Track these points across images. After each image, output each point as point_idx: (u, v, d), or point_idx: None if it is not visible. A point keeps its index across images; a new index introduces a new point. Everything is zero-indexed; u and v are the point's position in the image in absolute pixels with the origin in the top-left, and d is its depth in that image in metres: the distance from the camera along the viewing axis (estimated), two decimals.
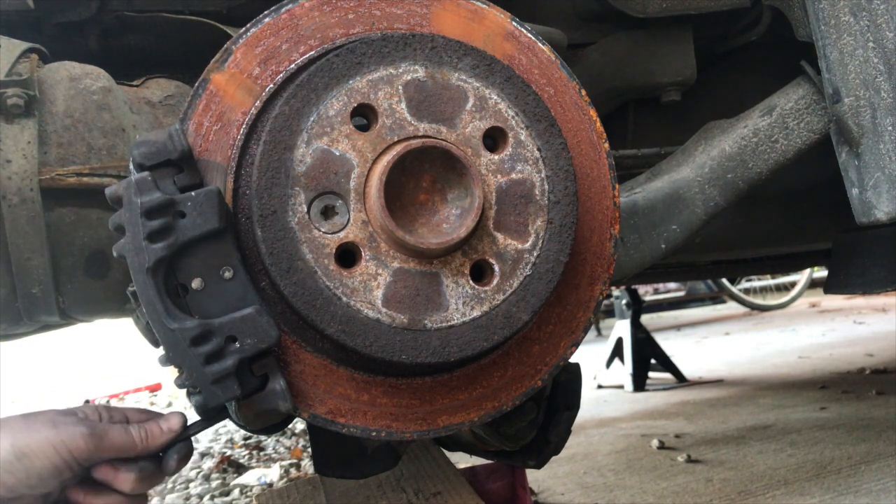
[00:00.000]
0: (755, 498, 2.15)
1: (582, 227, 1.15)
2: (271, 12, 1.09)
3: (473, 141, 1.06)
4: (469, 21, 1.15)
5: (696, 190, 1.52)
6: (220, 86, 1.06)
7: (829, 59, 1.49)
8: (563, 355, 1.16)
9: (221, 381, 0.95)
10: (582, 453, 2.92)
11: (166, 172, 0.99)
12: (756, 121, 1.58)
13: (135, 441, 1.00)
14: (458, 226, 1.02)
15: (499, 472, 1.88)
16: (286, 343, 1.04)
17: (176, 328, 0.94)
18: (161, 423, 1.03)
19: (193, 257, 0.97)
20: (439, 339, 1.01)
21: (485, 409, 1.12)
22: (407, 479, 1.86)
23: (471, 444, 1.47)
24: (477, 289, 1.04)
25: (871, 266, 1.77)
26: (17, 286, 1.25)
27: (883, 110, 1.47)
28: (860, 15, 1.47)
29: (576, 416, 1.40)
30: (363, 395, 1.07)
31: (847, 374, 4.02)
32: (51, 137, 1.25)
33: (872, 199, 1.48)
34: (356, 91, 1.02)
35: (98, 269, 1.30)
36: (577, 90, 1.20)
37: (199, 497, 2.74)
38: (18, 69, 1.26)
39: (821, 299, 8.56)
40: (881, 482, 2.13)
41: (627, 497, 2.29)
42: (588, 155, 1.19)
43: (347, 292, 0.99)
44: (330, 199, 1.00)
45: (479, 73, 1.07)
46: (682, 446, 2.84)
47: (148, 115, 1.37)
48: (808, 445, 2.63)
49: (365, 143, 1.01)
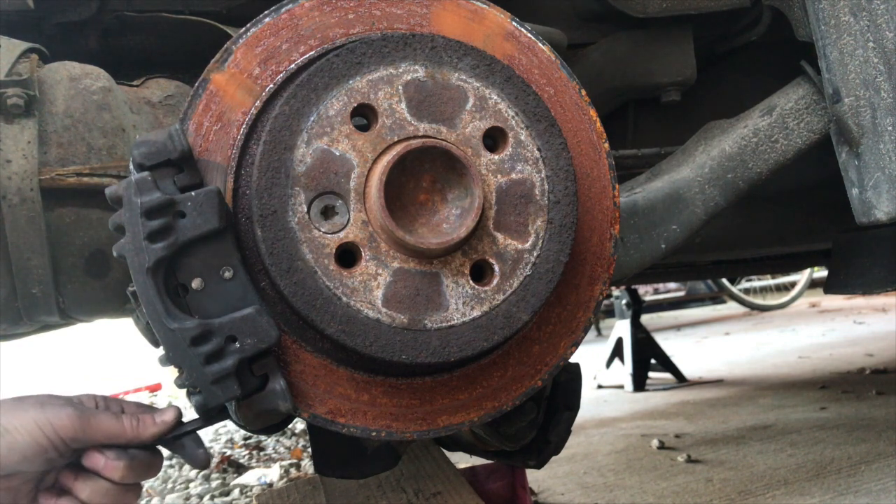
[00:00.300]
0: (755, 498, 2.15)
1: (582, 227, 1.15)
2: (271, 12, 1.09)
3: (473, 141, 1.06)
4: (469, 21, 1.15)
5: (696, 190, 1.52)
6: (220, 86, 1.06)
7: (829, 59, 1.49)
8: (563, 355, 1.16)
9: (221, 381, 0.95)
10: (582, 453, 2.92)
11: (166, 172, 0.99)
12: (756, 121, 1.57)
13: (124, 428, 1.00)
14: (458, 226, 1.02)
15: (499, 472, 1.88)
16: (286, 343, 1.04)
17: (176, 328, 0.94)
18: (155, 415, 1.03)
19: (193, 257, 0.97)
20: (439, 339, 1.01)
21: (485, 409, 1.12)
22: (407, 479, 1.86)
23: (471, 444, 1.47)
24: (477, 289, 1.04)
25: (871, 266, 1.77)
26: (17, 286, 1.25)
27: (883, 110, 1.47)
28: (860, 15, 1.47)
29: (576, 416, 1.40)
30: (363, 395, 1.07)
31: (847, 374, 4.02)
32: (51, 137, 1.25)
33: (872, 199, 1.48)
34: (356, 91, 1.02)
35: (98, 269, 1.30)
36: (577, 90, 1.20)
37: (199, 497, 2.74)
38: (18, 69, 1.26)
39: (821, 299, 8.56)
40: (881, 482, 2.13)
41: (627, 497, 2.29)
42: (588, 155, 1.19)
43: (347, 292, 0.99)
44: (330, 199, 1.00)
45: (479, 73, 1.07)
46: (682, 446, 2.84)
47: (148, 115, 1.37)
48: (808, 445, 2.63)
49: (365, 143, 1.01)
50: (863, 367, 4.11)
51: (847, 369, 4.16)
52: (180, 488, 2.89)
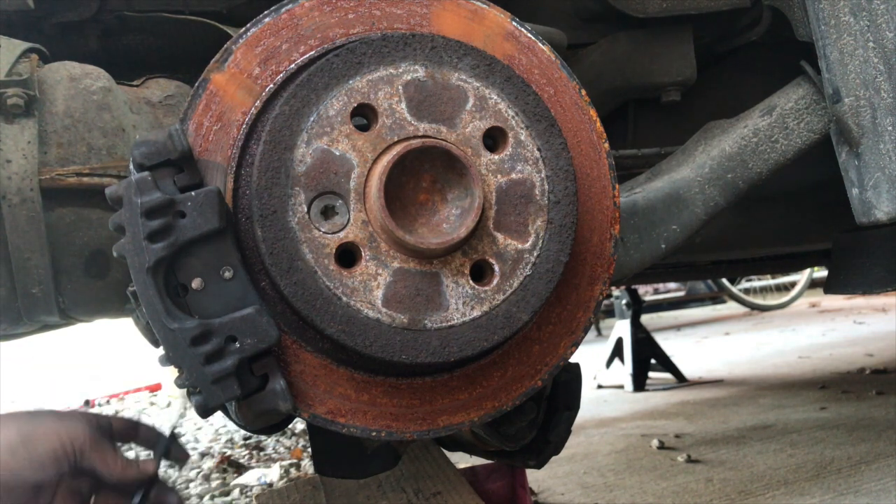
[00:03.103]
0: (755, 498, 2.15)
1: (582, 227, 1.15)
2: (271, 12, 1.09)
3: (473, 141, 1.06)
4: (469, 21, 1.15)
5: (696, 190, 1.52)
6: (220, 86, 1.06)
7: (829, 59, 1.49)
8: (563, 355, 1.16)
9: (221, 381, 0.95)
10: (582, 453, 2.92)
11: (166, 172, 0.99)
12: (756, 121, 1.57)
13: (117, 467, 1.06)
14: (458, 226, 1.02)
15: (499, 472, 1.88)
16: (286, 343, 1.04)
17: (176, 328, 0.94)
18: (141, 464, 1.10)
19: (193, 257, 0.97)
20: (439, 339, 1.01)
21: (485, 409, 1.12)
22: (407, 479, 1.86)
23: (471, 444, 1.47)
24: (477, 289, 1.04)
25: (871, 266, 1.77)
26: (17, 286, 1.25)
27: (883, 110, 1.47)
28: (860, 15, 1.47)
29: (576, 416, 1.40)
30: (363, 395, 1.07)
31: (847, 374, 4.02)
32: (51, 137, 1.25)
33: (872, 199, 1.48)
34: (356, 91, 1.02)
35: (98, 269, 1.30)
36: (577, 90, 1.20)
37: (199, 497, 2.74)
38: (18, 69, 1.26)
39: (821, 299, 8.56)
40: (881, 482, 2.13)
41: (627, 497, 2.29)
42: (588, 155, 1.19)
43: (347, 292, 0.99)
44: (330, 199, 1.00)
45: (479, 73, 1.07)
46: (682, 446, 2.84)
47: (148, 115, 1.37)
48: (808, 445, 2.63)
49: (365, 143, 1.01)
50: (863, 367, 4.11)
51: (847, 369, 4.16)
52: (180, 488, 2.89)
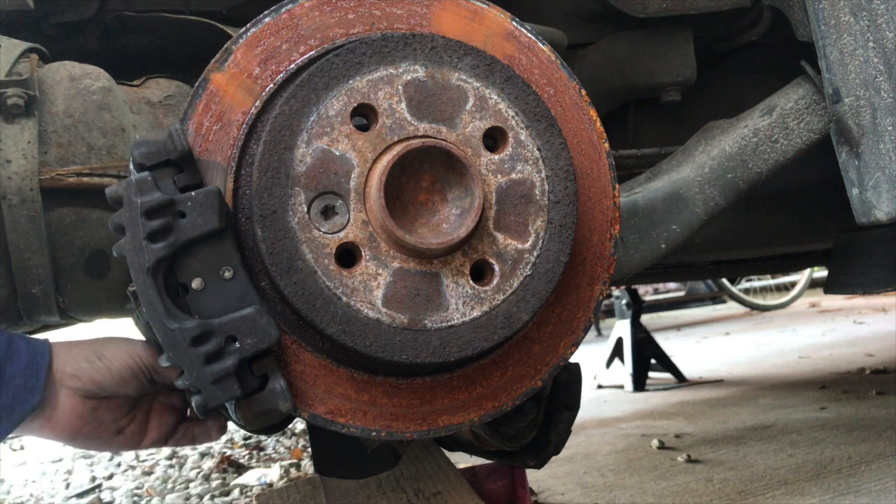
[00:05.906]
0: (755, 498, 2.15)
1: (582, 227, 1.15)
2: (271, 12, 1.09)
3: (473, 141, 1.06)
4: (469, 21, 1.15)
5: (696, 190, 1.52)
6: (220, 86, 1.06)
7: (829, 59, 1.49)
8: (563, 355, 1.16)
9: (221, 381, 0.95)
10: (582, 453, 2.92)
11: (166, 172, 0.99)
12: (756, 121, 1.58)
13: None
14: (458, 226, 1.02)
15: (499, 472, 1.88)
16: (286, 343, 1.04)
17: (176, 328, 0.94)
18: None
19: (193, 257, 0.97)
20: (439, 339, 1.01)
21: (485, 409, 1.12)
22: (407, 479, 1.86)
23: (471, 444, 1.47)
24: (477, 289, 1.04)
25: (871, 266, 1.77)
26: (17, 286, 1.25)
27: (883, 110, 1.47)
28: (860, 15, 1.47)
29: (576, 416, 1.40)
30: (363, 395, 1.07)
31: (847, 374, 4.02)
32: (51, 137, 1.25)
33: (872, 199, 1.48)
34: (356, 91, 1.02)
35: (98, 269, 1.30)
36: (577, 90, 1.20)
37: (199, 497, 2.74)
38: (18, 69, 1.26)
39: (821, 299, 8.56)
40: (881, 482, 2.13)
41: (627, 497, 2.29)
42: (588, 155, 1.19)
43: (347, 292, 0.99)
44: (330, 199, 1.00)
45: (479, 73, 1.07)
46: (682, 446, 2.84)
47: (148, 115, 1.37)
48: (808, 445, 2.63)
49: (365, 143, 1.01)
50: (863, 367, 4.11)
51: (847, 369, 4.15)
52: (180, 488, 2.89)
